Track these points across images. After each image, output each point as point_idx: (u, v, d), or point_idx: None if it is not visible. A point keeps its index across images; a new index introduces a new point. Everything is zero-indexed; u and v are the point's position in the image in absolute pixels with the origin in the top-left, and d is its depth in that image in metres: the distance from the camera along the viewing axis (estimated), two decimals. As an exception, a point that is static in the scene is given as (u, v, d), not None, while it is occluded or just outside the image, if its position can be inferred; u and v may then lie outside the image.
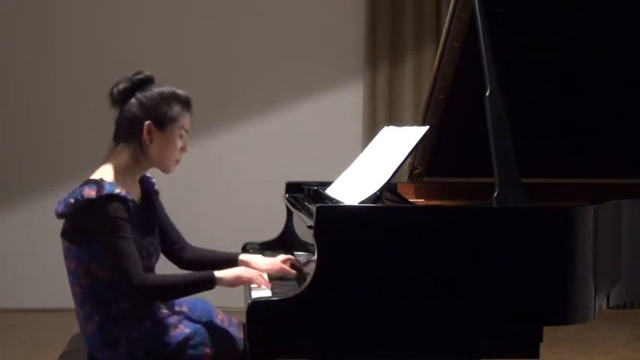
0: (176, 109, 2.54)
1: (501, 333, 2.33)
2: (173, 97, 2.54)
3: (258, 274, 2.57)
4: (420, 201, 3.21)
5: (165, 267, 2.70)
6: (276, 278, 2.73)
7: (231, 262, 2.79)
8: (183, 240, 2.82)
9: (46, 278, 5.45)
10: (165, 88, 2.55)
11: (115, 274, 2.41)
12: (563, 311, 2.37)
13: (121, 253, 2.38)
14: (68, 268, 2.50)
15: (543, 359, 2.35)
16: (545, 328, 2.34)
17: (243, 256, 2.82)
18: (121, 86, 2.52)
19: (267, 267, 2.74)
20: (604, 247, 2.49)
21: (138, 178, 2.60)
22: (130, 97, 2.52)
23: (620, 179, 3.09)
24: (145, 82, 2.54)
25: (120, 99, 2.53)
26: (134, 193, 2.54)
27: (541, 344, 2.33)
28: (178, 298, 2.55)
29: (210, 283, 2.48)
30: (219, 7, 5.68)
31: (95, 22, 5.63)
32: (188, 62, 5.58)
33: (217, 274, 2.50)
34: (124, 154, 2.52)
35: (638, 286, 2.77)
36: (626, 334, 5.16)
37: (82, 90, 5.57)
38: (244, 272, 2.55)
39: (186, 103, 2.57)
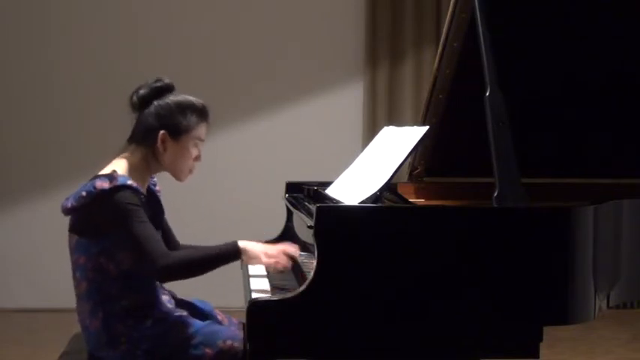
0: (191, 119, 2.55)
1: (501, 333, 2.33)
2: (189, 107, 2.56)
3: (281, 251, 2.54)
4: (420, 201, 3.21)
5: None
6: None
7: None
8: (176, 239, 2.83)
9: (46, 278, 5.46)
10: (183, 98, 2.57)
11: (138, 260, 2.41)
12: (563, 311, 2.37)
13: (141, 236, 2.39)
14: (76, 263, 2.50)
15: (543, 359, 2.35)
16: (545, 328, 2.33)
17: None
18: (140, 93, 2.54)
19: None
20: (604, 247, 2.49)
21: (147, 179, 2.62)
22: (148, 105, 2.54)
23: (620, 179, 3.09)
24: (164, 90, 2.56)
25: (138, 105, 2.55)
26: (143, 191, 2.55)
27: (541, 344, 2.33)
28: (205, 272, 2.49)
29: (236, 254, 2.47)
30: (219, 7, 5.69)
31: (95, 22, 5.63)
32: (187, 63, 5.58)
33: (242, 244, 2.49)
34: (137, 155, 2.54)
35: (638, 286, 2.77)
36: (626, 334, 5.16)
37: (83, 90, 5.57)
38: (267, 251, 2.52)
39: (202, 113, 2.58)
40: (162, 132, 2.52)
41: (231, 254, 2.49)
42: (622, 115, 3.09)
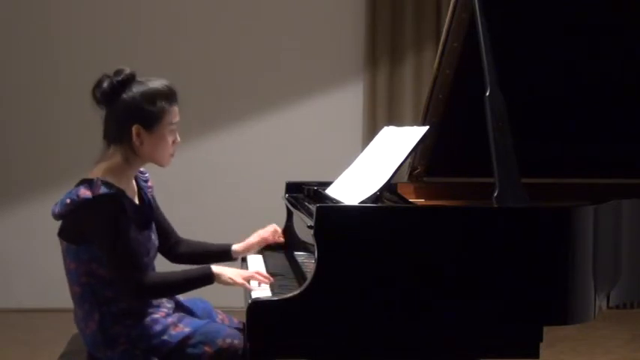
0: (161, 105, 2.49)
1: (501, 333, 2.33)
2: (157, 94, 2.50)
3: (257, 272, 2.57)
4: (420, 201, 3.21)
5: (162, 262, 2.70)
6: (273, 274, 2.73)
7: (224, 253, 2.81)
8: (177, 234, 2.82)
9: (46, 278, 5.45)
10: (147, 86, 2.50)
11: (113, 275, 2.42)
12: (563, 311, 2.37)
13: (118, 254, 2.38)
14: (67, 268, 2.50)
15: (543, 359, 2.35)
16: (545, 328, 2.34)
17: (236, 247, 2.84)
18: (103, 88, 2.49)
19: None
20: (604, 247, 2.49)
21: (133, 176, 2.60)
22: (114, 99, 2.49)
23: (620, 179, 3.09)
24: (127, 82, 2.50)
25: (103, 100, 2.50)
26: (130, 191, 2.54)
27: (541, 344, 2.34)
28: (177, 294, 2.57)
29: (209, 278, 2.49)
30: (220, 8, 5.68)
31: (95, 22, 5.63)
32: (188, 62, 5.58)
33: (215, 269, 2.50)
34: (117, 156, 2.51)
35: (638, 286, 2.77)
36: (626, 334, 5.16)
37: (83, 90, 5.53)
38: (239, 276, 2.53)
39: (169, 96, 2.53)
40: (135, 126, 2.48)
41: (205, 278, 2.50)
42: (622, 115, 3.09)
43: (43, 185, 5.58)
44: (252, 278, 2.56)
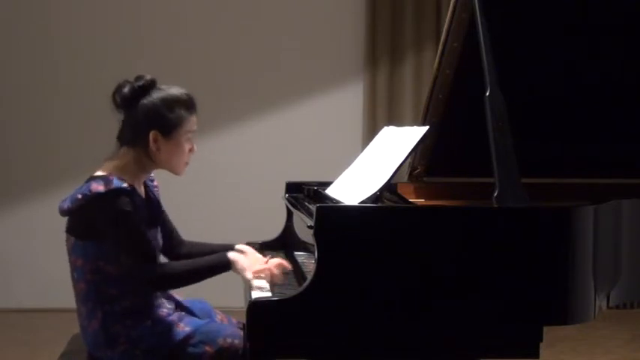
0: (180, 113, 2.52)
1: (501, 333, 2.33)
2: (176, 102, 2.52)
3: (269, 269, 2.54)
4: (420, 201, 3.21)
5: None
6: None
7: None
8: (179, 235, 2.82)
9: (46, 278, 5.45)
10: (167, 93, 2.52)
11: (125, 267, 2.41)
12: (563, 311, 2.37)
13: (131, 244, 2.38)
14: (73, 264, 2.50)
15: (543, 359, 2.35)
16: (545, 328, 2.33)
17: (239, 247, 2.78)
18: (124, 92, 2.50)
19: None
20: (604, 247, 2.49)
21: (144, 179, 2.61)
22: (133, 104, 2.50)
23: (620, 179, 3.09)
24: (147, 87, 2.51)
25: (123, 105, 2.52)
26: (139, 190, 2.55)
27: (541, 344, 2.34)
28: (191, 284, 2.51)
29: (225, 267, 2.48)
30: (220, 8, 5.69)
31: (95, 22, 5.64)
32: (188, 62, 5.58)
33: (231, 256, 2.49)
34: (129, 157, 2.52)
35: (638, 286, 2.77)
36: (626, 334, 5.16)
37: (83, 90, 5.57)
38: (251, 269, 2.51)
39: (189, 105, 2.55)
40: (153, 132, 2.49)
41: (222, 266, 2.49)
42: (622, 115, 3.09)
43: (43, 185, 5.58)
44: (262, 272, 2.53)
